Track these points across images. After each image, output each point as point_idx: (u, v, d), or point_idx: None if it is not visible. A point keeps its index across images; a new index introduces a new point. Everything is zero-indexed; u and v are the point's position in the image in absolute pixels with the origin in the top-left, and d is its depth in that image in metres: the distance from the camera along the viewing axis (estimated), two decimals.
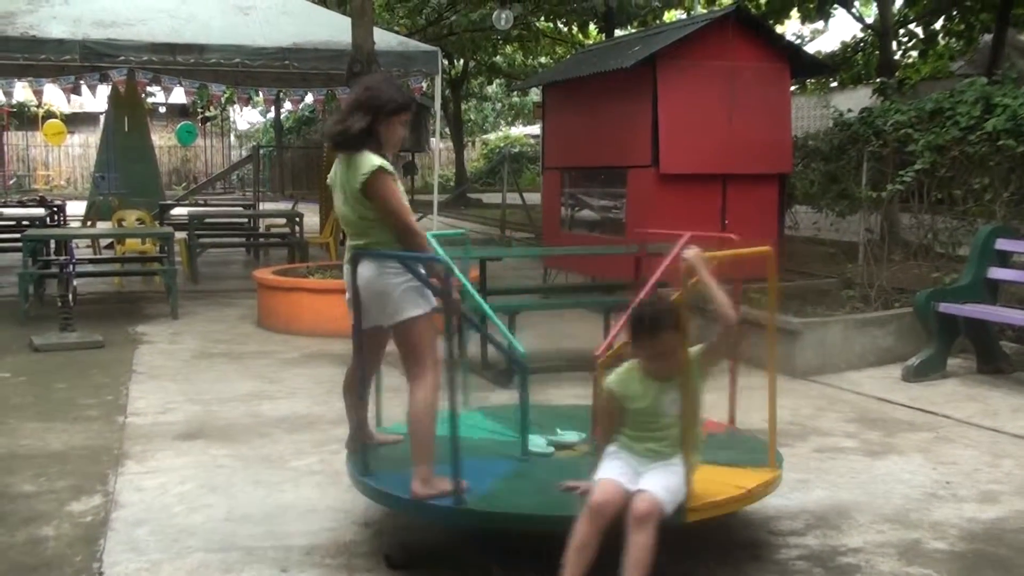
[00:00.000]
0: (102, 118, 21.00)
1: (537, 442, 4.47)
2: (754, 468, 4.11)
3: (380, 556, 3.98)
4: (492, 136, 42.67)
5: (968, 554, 4.05)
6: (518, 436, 4.44)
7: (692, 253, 3.63)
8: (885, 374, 7.35)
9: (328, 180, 4.43)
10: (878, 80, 14.36)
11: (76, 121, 36.01)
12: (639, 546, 3.32)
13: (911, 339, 7.57)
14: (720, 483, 3.88)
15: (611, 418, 3.73)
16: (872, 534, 4.26)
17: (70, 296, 8.93)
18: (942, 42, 18.64)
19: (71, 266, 9.40)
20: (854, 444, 5.66)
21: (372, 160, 4.08)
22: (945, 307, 7.18)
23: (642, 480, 3.51)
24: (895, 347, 7.64)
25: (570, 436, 4.60)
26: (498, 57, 29.22)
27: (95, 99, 15.16)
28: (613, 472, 3.55)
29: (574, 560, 3.36)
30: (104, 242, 13.48)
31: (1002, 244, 7.33)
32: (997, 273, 7.30)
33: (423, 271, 3.97)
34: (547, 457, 4.41)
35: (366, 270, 4.02)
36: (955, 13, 17.05)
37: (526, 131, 41.75)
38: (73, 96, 13.35)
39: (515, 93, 38.58)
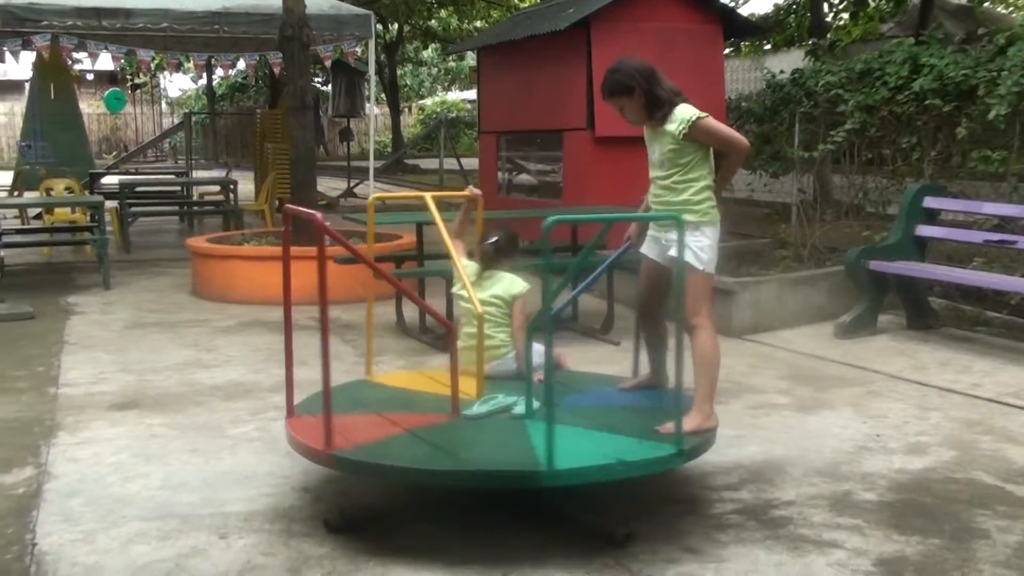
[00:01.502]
0: (27, 85, 20.46)
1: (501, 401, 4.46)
2: None
3: (319, 521, 3.98)
4: (429, 101, 42.34)
5: (896, 504, 4.15)
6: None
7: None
8: (818, 331, 7.47)
9: None
10: (810, 42, 14.51)
11: (0, 89, 35.10)
12: None
13: (843, 297, 7.70)
14: None
15: None
16: (804, 487, 4.34)
17: None
18: (872, 4, 18.84)
19: None
20: (787, 400, 5.76)
21: None
22: (875, 265, 7.31)
23: None
24: (827, 305, 7.77)
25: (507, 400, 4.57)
26: (433, 21, 28.94)
27: (19, 66, 14.77)
28: None
29: None
30: (32, 212, 13.20)
31: (930, 202, 7.46)
32: (925, 231, 7.44)
33: None
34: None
35: None
36: None
37: (463, 96, 41.49)
38: None
39: (451, 57, 38.30)
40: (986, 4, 20.17)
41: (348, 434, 3.93)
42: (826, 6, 17.42)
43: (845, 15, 19.41)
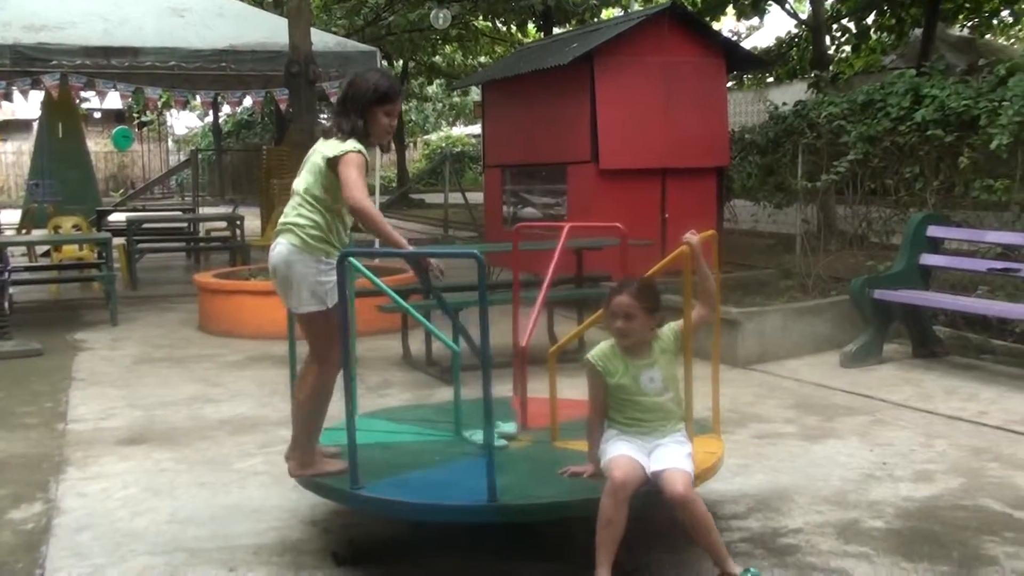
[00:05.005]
0: (35, 124, 20.64)
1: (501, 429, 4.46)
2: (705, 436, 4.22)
3: (327, 553, 3.99)
4: (433, 136, 42.61)
5: (904, 531, 4.15)
6: (445, 435, 4.57)
7: (692, 237, 3.84)
8: (823, 361, 7.48)
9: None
10: (812, 74, 14.63)
11: (8, 128, 35.45)
12: (695, 521, 3.54)
13: (848, 326, 7.72)
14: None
15: (598, 394, 3.81)
16: (812, 515, 4.35)
17: (6, 304, 8.79)
18: (874, 37, 18.98)
19: (6, 274, 9.24)
20: (793, 429, 5.76)
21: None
22: (880, 294, 7.33)
23: (656, 455, 3.66)
24: (832, 334, 7.78)
25: (510, 426, 4.58)
26: (437, 57, 29.17)
27: (27, 105, 14.93)
28: (625, 449, 3.66)
29: (604, 536, 3.50)
30: (40, 249, 13.27)
31: (933, 231, 7.49)
32: (929, 259, 7.46)
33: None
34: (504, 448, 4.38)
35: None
36: (886, 8, 17.37)
37: (467, 131, 41.77)
38: (4, 103, 13.14)
39: (455, 93, 38.57)
40: (987, 36, 20.28)
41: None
42: (828, 39, 17.56)
43: (847, 48, 19.58)
